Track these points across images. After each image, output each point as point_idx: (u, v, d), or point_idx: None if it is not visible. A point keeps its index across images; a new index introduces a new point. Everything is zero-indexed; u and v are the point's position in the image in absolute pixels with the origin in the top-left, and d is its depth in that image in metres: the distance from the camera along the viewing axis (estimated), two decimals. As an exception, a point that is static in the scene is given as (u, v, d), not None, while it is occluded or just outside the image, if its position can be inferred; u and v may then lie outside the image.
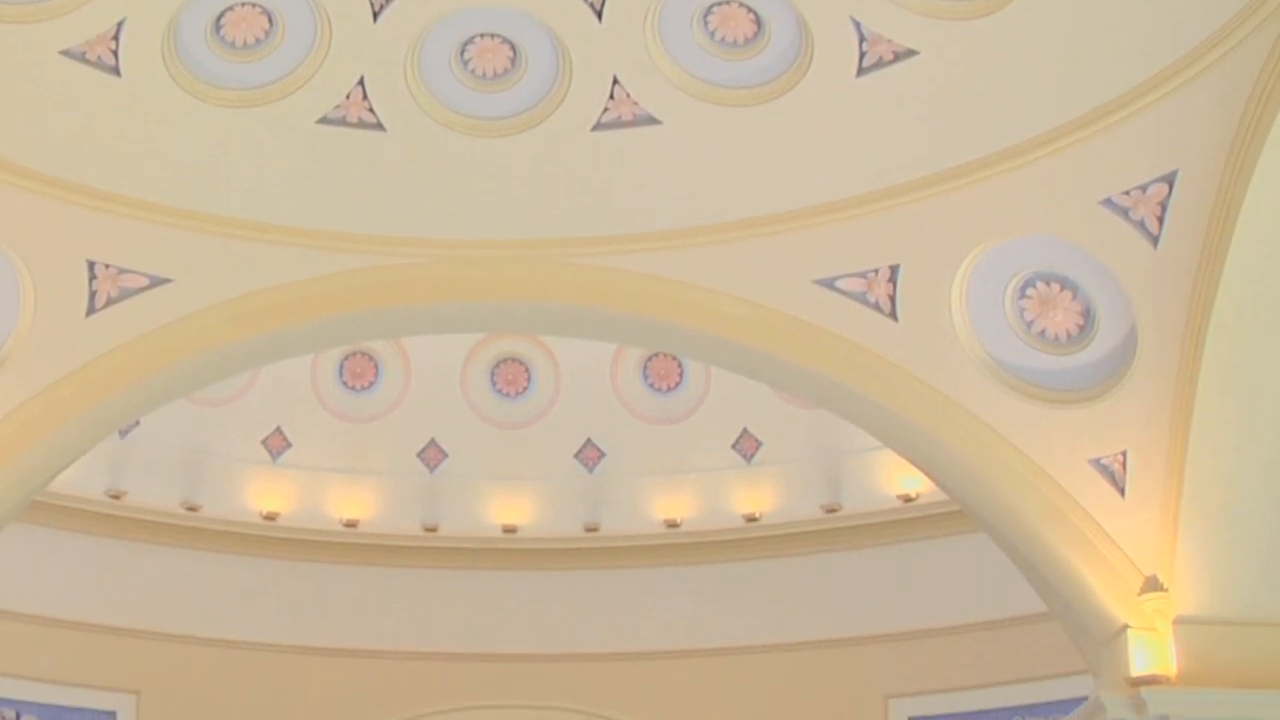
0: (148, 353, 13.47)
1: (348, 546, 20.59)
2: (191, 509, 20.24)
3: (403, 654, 20.75)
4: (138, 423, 19.15)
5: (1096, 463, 12.03)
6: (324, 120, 13.35)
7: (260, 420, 20.35)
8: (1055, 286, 12.27)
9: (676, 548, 20.47)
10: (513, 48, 13.36)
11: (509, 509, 20.73)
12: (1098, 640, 12.14)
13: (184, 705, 20.30)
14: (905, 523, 19.60)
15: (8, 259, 13.15)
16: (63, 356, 13.31)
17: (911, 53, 12.42)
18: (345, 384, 20.50)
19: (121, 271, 13.31)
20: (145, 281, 13.35)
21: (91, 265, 13.24)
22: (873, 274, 12.78)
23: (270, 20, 13.14)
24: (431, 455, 20.72)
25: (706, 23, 12.98)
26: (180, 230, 13.35)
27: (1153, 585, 11.65)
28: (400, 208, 13.44)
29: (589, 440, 20.66)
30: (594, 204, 13.45)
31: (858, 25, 12.51)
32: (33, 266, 13.16)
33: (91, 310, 13.27)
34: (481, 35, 13.33)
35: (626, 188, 13.51)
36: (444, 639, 20.80)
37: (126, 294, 13.32)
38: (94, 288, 13.28)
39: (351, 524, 20.59)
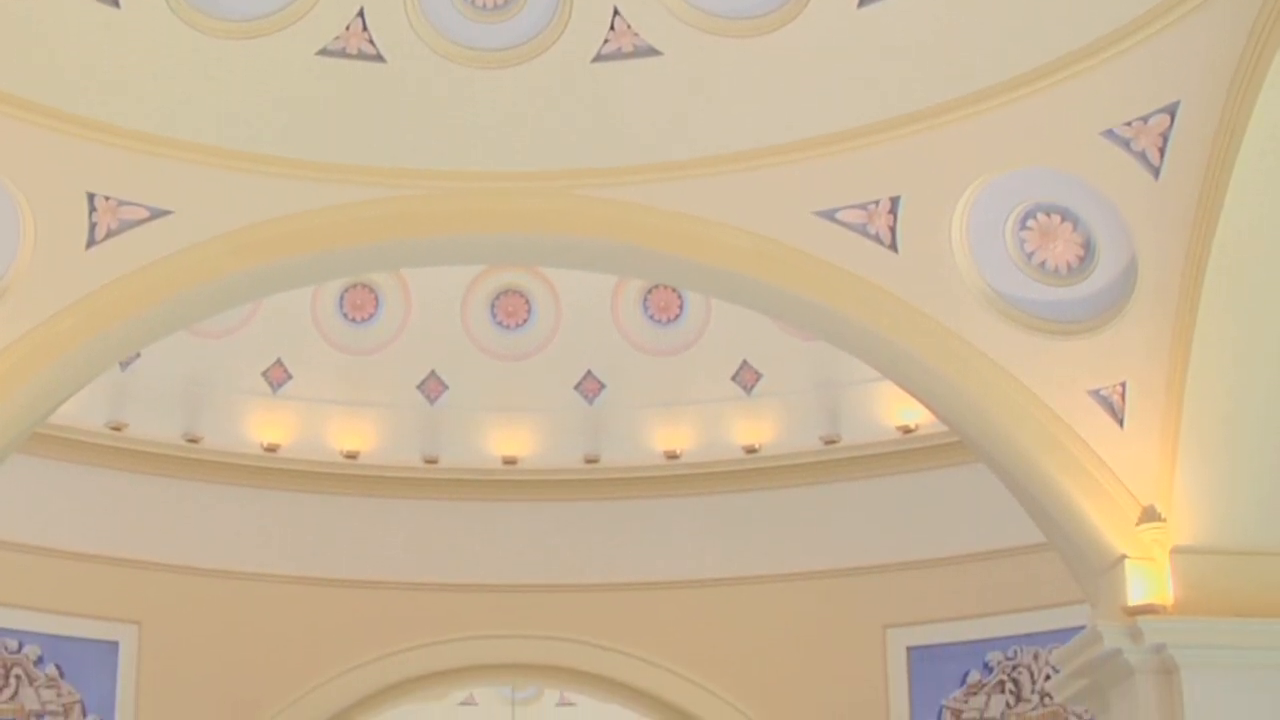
0: (148, 285, 13.47)
1: (348, 478, 20.66)
2: (192, 441, 20.30)
3: (402, 584, 20.86)
4: (138, 355, 19.19)
5: (1095, 394, 12.07)
6: (323, 52, 13.31)
7: (261, 352, 20.38)
8: (1056, 218, 12.28)
9: (676, 479, 20.55)
10: (512, -23, 13.33)
11: (509, 441, 20.79)
12: (1095, 570, 12.21)
13: (185, 635, 20.42)
14: (904, 454, 19.67)
15: (7, 191, 13.14)
16: (62, 289, 13.31)
17: (913, -16, 12.40)
18: (345, 316, 20.52)
19: (121, 204, 13.29)
20: (145, 214, 13.34)
21: (91, 197, 13.23)
22: (873, 206, 12.79)
23: (269, -49, 13.11)
24: (432, 387, 20.77)
25: (708, -48, 12.95)
26: (180, 162, 13.34)
27: (1150, 515, 11.71)
28: (401, 140, 13.42)
29: (589, 372, 20.70)
30: (594, 136, 13.43)
31: (858, -45, 12.49)
32: (32, 199, 13.15)
33: (91, 242, 13.26)
34: (480, -36, 13.30)
35: (627, 120, 13.49)
36: (444, 570, 20.90)
37: (126, 226, 13.31)
38: (93, 220, 13.28)
39: (352, 455, 20.66)
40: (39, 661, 19.99)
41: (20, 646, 19.96)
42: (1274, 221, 11.08)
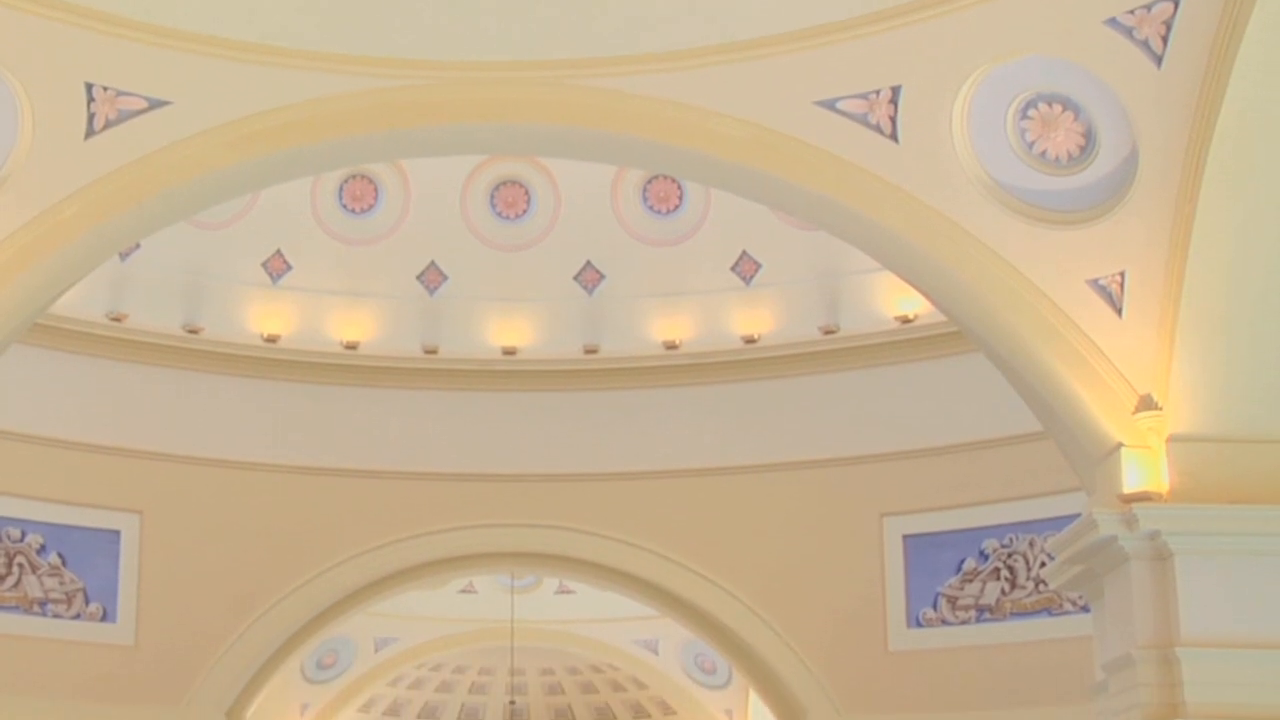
0: (147, 175, 13.44)
1: (348, 368, 20.74)
2: (192, 331, 20.35)
3: (402, 474, 20.99)
4: (138, 246, 19.21)
5: (1094, 283, 12.08)
6: (319, -58, 13.22)
7: (260, 243, 20.39)
8: (1057, 107, 12.24)
9: (675, 369, 20.62)
10: None
11: (508, 331, 20.83)
12: (1091, 458, 12.27)
13: (186, 524, 20.58)
14: (903, 343, 19.75)
15: (5, 81, 13.08)
16: (61, 179, 13.29)
17: None
18: (345, 206, 20.50)
19: (120, 94, 13.24)
20: (144, 104, 13.29)
21: (90, 88, 13.17)
22: (874, 95, 12.74)
23: None
24: (431, 277, 20.78)
25: None
26: (179, 52, 13.26)
27: (1147, 404, 11.77)
28: (400, 30, 13.34)
29: (588, 262, 20.72)
30: (593, 25, 13.34)
31: None
32: (30, 89, 13.10)
33: (90, 133, 13.22)
34: None
35: (625, 8, 13.39)
36: (443, 459, 21.02)
37: (125, 116, 13.27)
38: (92, 110, 13.23)
39: (351, 346, 20.71)
40: (41, 550, 20.13)
41: (23, 535, 20.09)
42: (1275, 110, 11.06)
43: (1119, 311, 12.00)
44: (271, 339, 20.60)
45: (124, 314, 20.08)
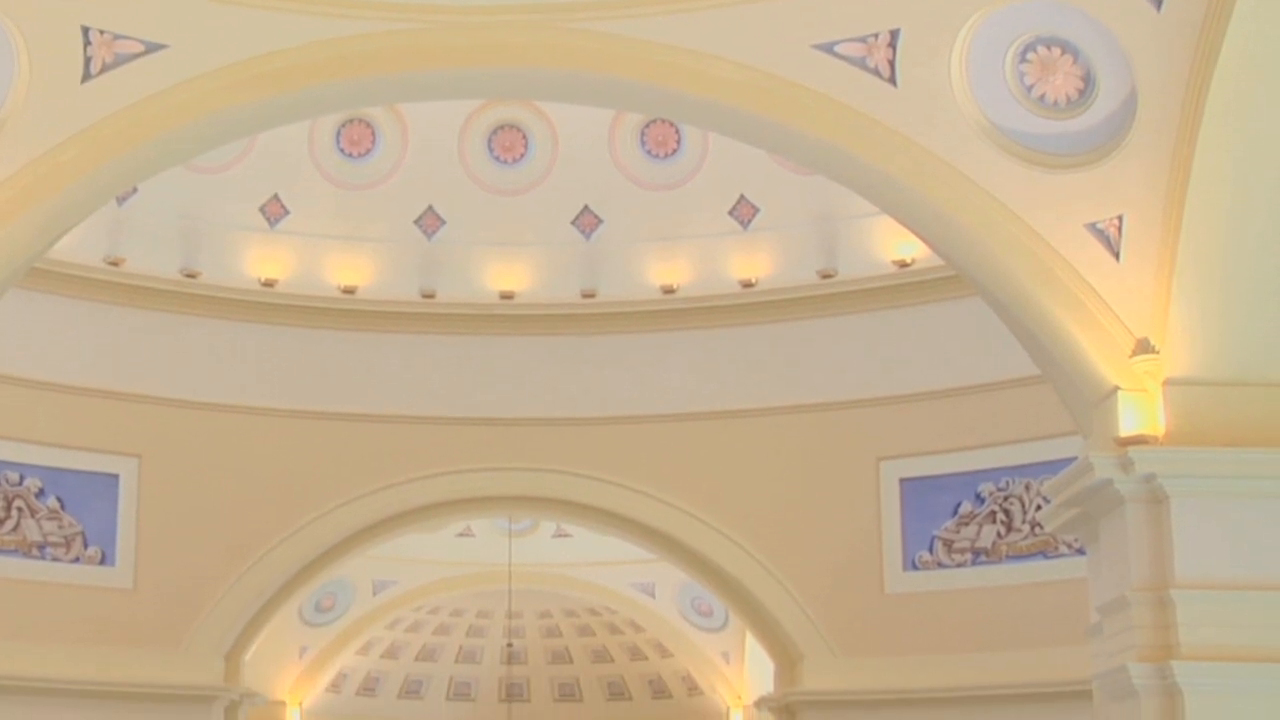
0: (143, 119, 13.42)
1: (345, 313, 20.76)
2: (190, 275, 20.37)
3: (399, 418, 21.05)
4: (135, 190, 19.19)
5: (1092, 227, 12.08)
6: (317, -118, 13.17)
7: (257, 187, 20.37)
8: (1056, 50, 12.22)
9: (673, 313, 20.65)
10: None
11: (506, 275, 20.84)
12: (1088, 402, 12.31)
13: (184, 468, 20.66)
14: (900, 288, 19.78)
15: (1, 26, 13.04)
16: (58, 123, 13.26)
17: None
18: (342, 150, 20.46)
19: (117, 37, 13.21)
20: (140, 48, 13.26)
21: (86, 31, 13.14)
22: (872, 39, 12.71)
23: None
24: (429, 222, 20.76)
25: None
26: (176, -5, 13.24)
27: (1144, 348, 11.79)
28: (397, -28, 13.32)
29: (586, 207, 20.70)
30: (592, -32, 13.32)
31: None
32: (27, 33, 13.06)
33: (87, 77, 13.20)
34: None
35: (622, -48, 13.37)
36: (440, 403, 21.07)
37: (122, 60, 13.24)
38: (89, 54, 13.20)
39: (349, 290, 20.72)
40: (40, 494, 20.20)
41: (21, 479, 20.15)
42: (1275, 54, 11.04)
43: (1117, 255, 12.01)
44: (269, 283, 20.60)
45: (121, 258, 20.08)
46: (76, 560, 20.34)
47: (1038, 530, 19.21)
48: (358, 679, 27.53)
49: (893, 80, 12.70)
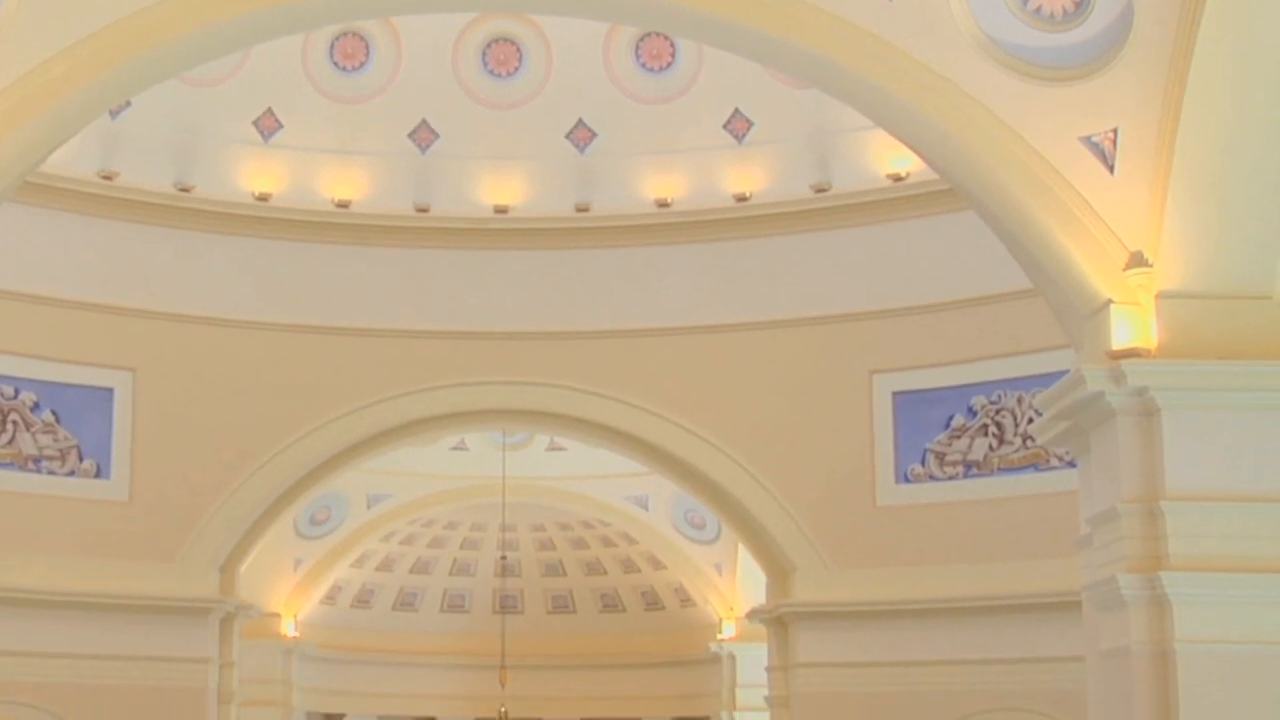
0: (137, 31, 13.28)
1: (340, 227, 20.76)
2: (184, 190, 20.34)
3: (393, 332, 21.10)
4: (128, 103, 19.14)
5: (1087, 140, 12.04)
6: None
7: (251, 101, 20.31)
8: (1052, -38, 12.16)
9: (667, 227, 20.66)
10: None
11: (500, 189, 20.83)
12: (1080, 315, 12.32)
13: (179, 382, 20.72)
14: (894, 201, 19.79)
15: (-8, -63, 12.94)
16: (51, 36, 13.13)
17: None
18: (336, 64, 20.39)
19: (108, -51, 13.10)
20: (133, -41, 13.15)
21: (77, -57, 13.03)
22: (865, -49, 12.63)
23: None
24: (423, 135, 20.72)
25: None
26: (169, -96, 13.12)
27: (1138, 261, 11.79)
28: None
29: (580, 120, 20.66)
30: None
31: None
32: (17, -55, 12.96)
33: (78, -11, 13.09)
34: None
35: None
36: (435, 317, 21.11)
37: (115, -30, 13.12)
38: (80, -35, 13.09)
39: (343, 204, 20.72)
40: (35, 407, 20.25)
41: (16, 393, 20.20)
42: (1273, -37, 11.00)
43: (1111, 168, 11.98)
44: (263, 197, 20.59)
45: (115, 172, 20.05)
46: (72, 473, 20.42)
47: (1029, 443, 19.31)
48: (352, 591, 27.72)
49: (889, -10, 12.62)
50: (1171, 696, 11.16)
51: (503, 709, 23.84)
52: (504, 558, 26.76)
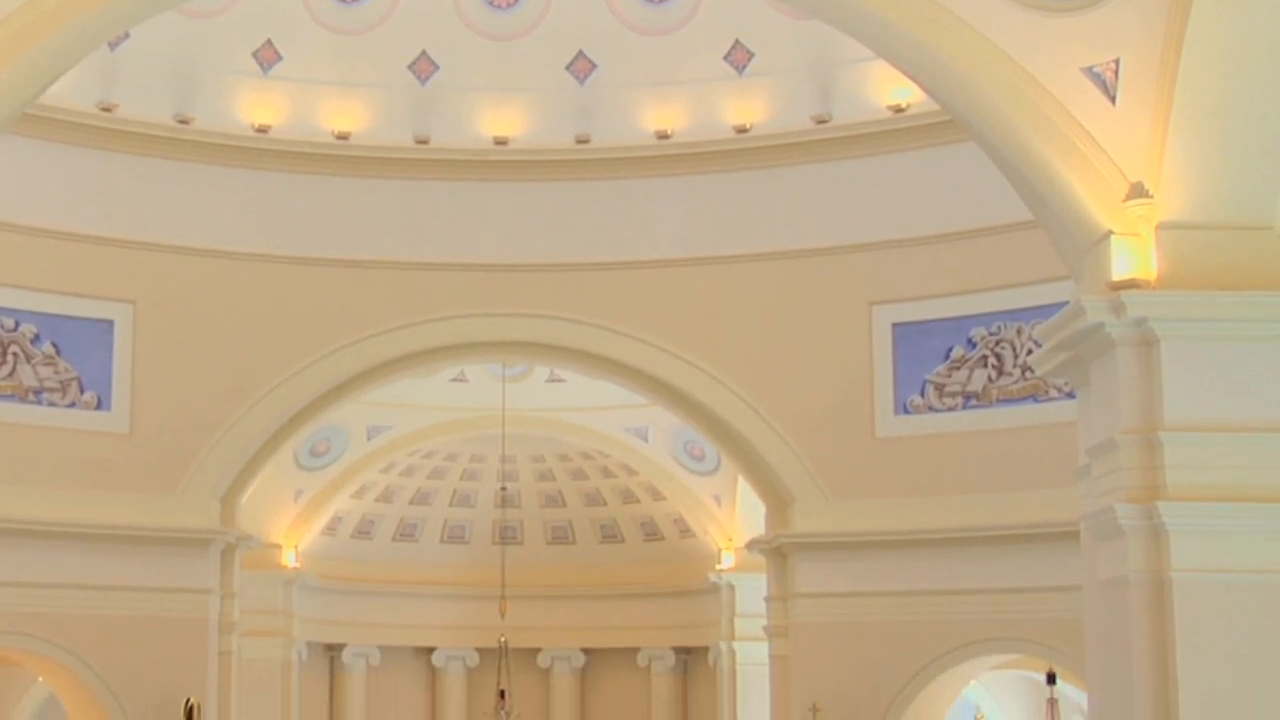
0: (135, -38, 13.28)
1: (339, 159, 20.75)
2: (183, 122, 20.31)
3: (393, 264, 21.11)
4: (127, 35, 19.07)
5: (1089, 70, 12.03)
6: None
7: (250, 32, 20.25)
8: (1056, -109, 12.11)
9: (667, 159, 20.65)
10: None
11: (500, 121, 20.79)
12: (1080, 246, 12.33)
13: (179, 314, 20.75)
14: (895, 133, 19.77)
15: None
16: (46, -33, 13.12)
17: None
18: (336, -6, 20.32)
19: (106, -122, 13.04)
20: (131, -112, 13.10)
21: (75, -128, 12.96)
22: (867, -122, 12.57)
23: None
24: (422, 67, 20.66)
25: None
26: None
27: (1138, 192, 11.80)
28: None
29: (580, 52, 20.60)
30: None
31: None
32: (14, -127, 12.89)
33: (76, -82, 13.03)
34: None
35: None
36: (434, 249, 21.11)
37: (113, -100, 13.07)
38: (78, -105, 13.03)
39: (343, 136, 20.69)
40: (36, 339, 20.28)
41: (16, 325, 20.23)
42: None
43: (1113, 99, 11.96)
44: (262, 129, 20.55)
45: (114, 104, 20.01)
46: (73, 405, 20.47)
47: (1028, 374, 19.36)
48: (353, 522, 27.79)
49: (889, -79, 12.57)
50: (1168, 625, 11.25)
51: (502, 639, 23.94)
52: (504, 489, 26.82)
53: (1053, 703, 20.42)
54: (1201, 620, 11.21)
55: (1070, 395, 15.27)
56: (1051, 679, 19.99)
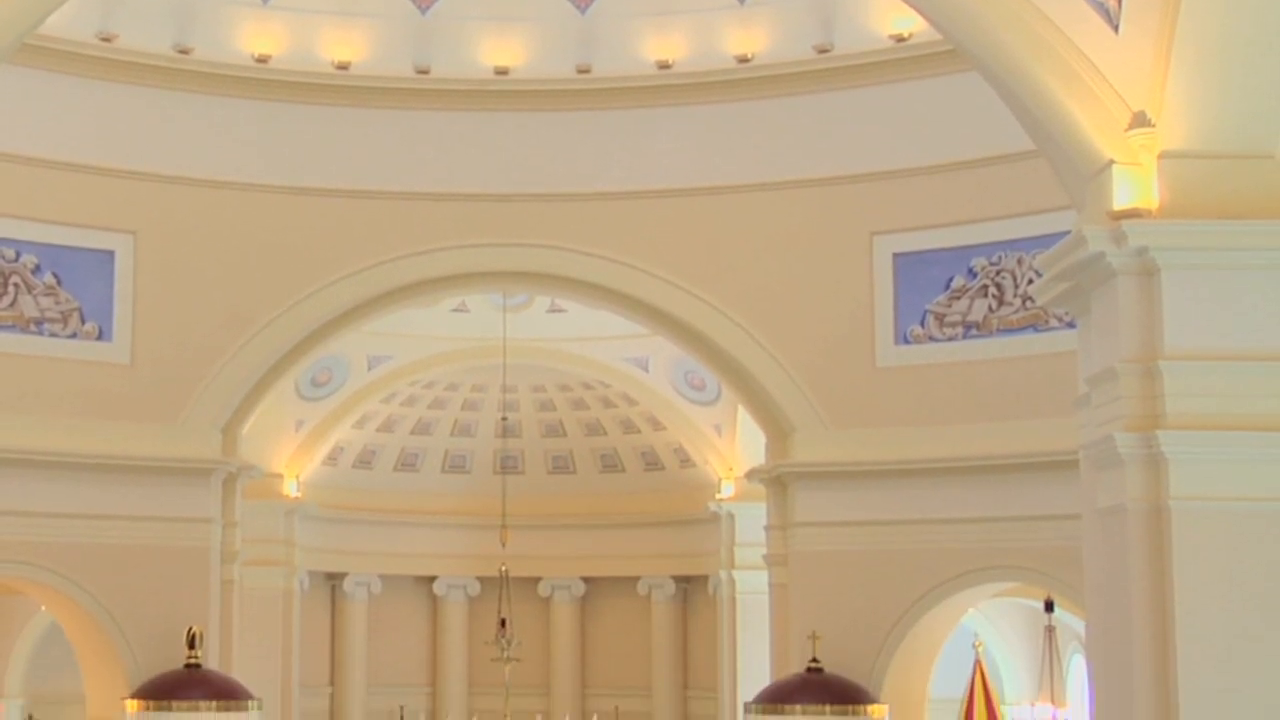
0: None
1: (340, 89, 20.68)
2: (183, 51, 20.23)
3: (394, 194, 21.10)
4: (127, -36, 19.00)
5: (1092, -1, 12.01)
6: None
7: (249, -39, 20.15)
8: None
9: (668, 89, 20.58)
10: None
11: (501, 50, 20.71)
12: (1082, 176, 12.32)
13: (180, 245, 20.74)
14: (897, 62, 19.70)
15: None
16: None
17: None
18: (334, -76, 20.21)
19: None
20: None
21: None
22: None
23: None
24: (423, -4, 20.58)
25: None
26: None
27: (1140, 121, 11.78)
28: None
29: (582, -19, 20.52)
30: None
31: None
32: None
33: None
34: None
35: None
36: (435, 179, 21.08)
37: None
38: None
39: (343, 66, 20.61)
40: (36, 270, 20.29)
41: (17, 255, 20.23)
42: None
43: (1115, 28, 11.92)
44: (262, 59, 20.48)
45: (114, 34, 19.92)
46: (74, 335, 20.48)
47: (1029, 304, 19.37)
48: (354, 452, 27.87)
49: None
50: (1166, 553, 11.31)
51: (503, 568, 24.05)
52: (504, 419, 26.88)
53: (1051, 630, 20.53)
54: (1199, 548, 11.28)
55: (1070, 325, 15.29)
56: (1050, 607, 20.07)
